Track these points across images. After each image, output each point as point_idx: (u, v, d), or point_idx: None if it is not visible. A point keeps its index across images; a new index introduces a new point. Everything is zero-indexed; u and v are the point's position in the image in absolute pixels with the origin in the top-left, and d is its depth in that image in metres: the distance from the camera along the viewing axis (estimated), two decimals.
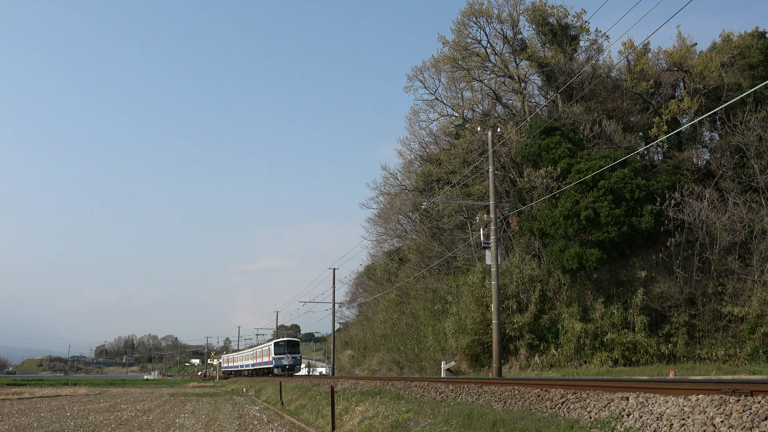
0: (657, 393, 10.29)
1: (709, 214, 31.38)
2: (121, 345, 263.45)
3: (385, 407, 17.73)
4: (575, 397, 11.65)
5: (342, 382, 29.82)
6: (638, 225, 31.82)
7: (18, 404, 38.79)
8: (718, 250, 31.05)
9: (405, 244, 57.44)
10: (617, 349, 31.39)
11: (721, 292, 30.66)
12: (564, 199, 33.40)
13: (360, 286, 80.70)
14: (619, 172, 32.32)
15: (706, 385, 10.38)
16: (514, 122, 41.36)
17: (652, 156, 41.62)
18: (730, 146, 35.40)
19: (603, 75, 42.35)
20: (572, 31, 42.35)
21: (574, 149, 35.71)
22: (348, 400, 21.88)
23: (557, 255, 33.22)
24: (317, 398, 27.16)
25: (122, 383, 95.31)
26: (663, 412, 9.01)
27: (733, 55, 37.63)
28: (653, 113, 38.49)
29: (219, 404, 35.87)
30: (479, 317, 35.65)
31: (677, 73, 38.55)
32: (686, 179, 34.50)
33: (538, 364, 33.72)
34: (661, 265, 32.72)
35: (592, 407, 10.60)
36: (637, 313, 31.43)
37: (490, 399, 14.52)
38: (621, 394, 10.59)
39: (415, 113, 62.22)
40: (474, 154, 40.94)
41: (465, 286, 37.96)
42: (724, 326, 30.21)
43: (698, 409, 8.56)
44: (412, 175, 55.50)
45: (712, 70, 36.18)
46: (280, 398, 34.04)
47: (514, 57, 43.57)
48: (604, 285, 34.13)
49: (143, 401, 40.69)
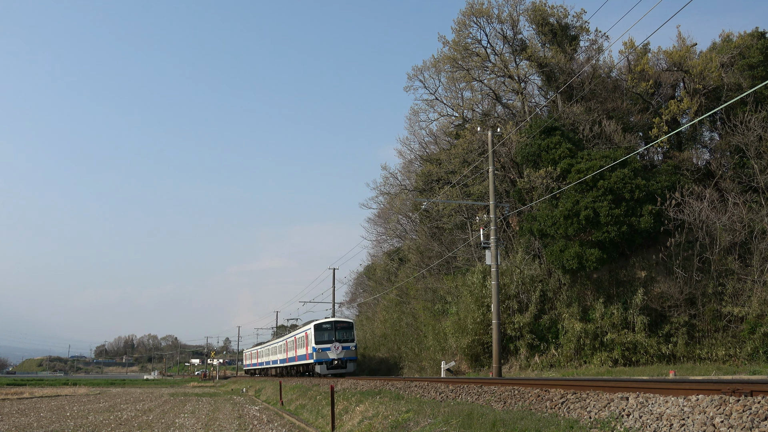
0: (657, 393, 10.29)
1: (709, 214, 31.37)
2: (121, 345, 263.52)
3: (384, 407, 17.74)
4: (575, 397, 11.65)
5: (342, 382, 29.83)
6: (638, 225, 31.82)
7: (18, 404, 38.80)
8: (718, 250, 31.04)
9: (405, 244, 57.41)
10: (617, 349, 31.39)
11: (721, 292, 30.64)
12: (564, 199, 33.40)
13: (360, 286, 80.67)
14: (619, 173, 32.32)
15: (705, 385, 10.38)
16: (514, 122, 41.36)
17: (652, 156, 41.61)
18: (730, 146, 35.39)
19: (603, 75, 42.35)
20: (572, 31, 42.35)
21: (574, 149, 35.71)
22: (348, 400, 21.90)
23: (557, 255, 33.22)
24: (317, 398, 27.18)
25: (122, 383, 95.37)
26: (663, 412, 9.01)
27: (733, 55, 37.62)
28: (653, 113, 38.49)
29: (219, 404, 35.88)
30: (479, 317, 35.64)
31: (677, 73, 38.55)
32: (686, 179, 34.50)
33: (538, 364, 33.72)
34: (661, 265, 32.71)
35: (592, 407, 10.61)
36: (637, 313, 31.42)
37: (490, 399, 14.52)
38: (621, 394, 10.59)
39: (415, 113, 62.33)
40: (474, 154, 40.94)
41: (465, 286, 37.96)
42: (724, 326, 30.20)
43: (698, 409, 8.56)
44: (412, 175, 55.51)
45: (712, 70, 36.17)
46: (279, 398, 34.06)
47: (514, 57, 43.57)
48: (604, 285, 34.12)
49: (143, 401, 40.70)
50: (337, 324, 43.77)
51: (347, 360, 42.23)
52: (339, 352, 42.02)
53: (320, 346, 42.22)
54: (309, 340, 43.93)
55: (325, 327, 43.38)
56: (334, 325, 43.45)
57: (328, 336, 42.77)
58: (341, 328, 43.37)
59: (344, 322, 44.36)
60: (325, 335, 42.84)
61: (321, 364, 42.07)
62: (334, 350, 41.96)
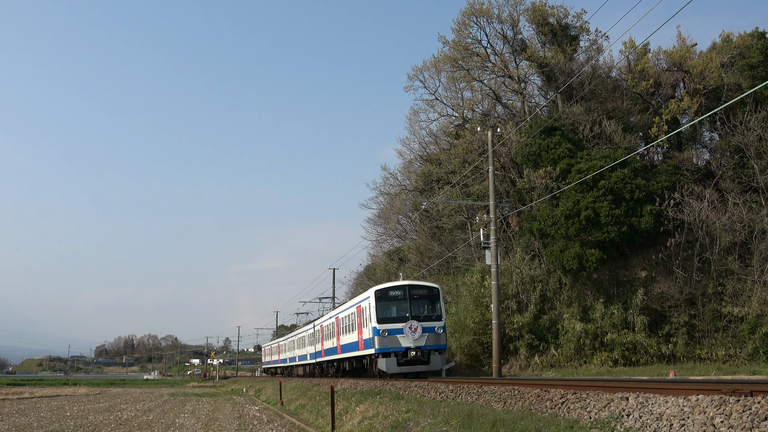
0: (657, 393, 10.31)
1: (709, 214, 31.38)
2: (121, 345, 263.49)
3: (384, 407, 17.76)
4: (575, 397, 11.67)
5: (342, 382, 29.83)
6: (638, 225, 31.84)
7: (18, 404, 38.82)
8: (718, 251, 31.06)
9: (405, 244, 57.42)
10: (617, 349, 31.41)
11: (721, 292, 30.67)
12: (564, 200, 33.42)
13: (360, 286, 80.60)
14: (619, 173, 32.34)
15: (705, 386, 10.41)
16: (514, 122, 41.36)
17: (652, 156, 41.62)
18: (730, 146, 35.41)
19: (603, 75, 42.35)
20: (572, 32, 42.36)
21: (574, 149, 35.72)
22: (348, 400, 21.92)
23: (557, 255, 33.23)
24: (317, 398, 27.19)
25: (122, 383, 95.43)
26: (663, 412, 9.03)
27: (733, 55, 37.64)
28: (653, 113, 38.49)
29: (219, 404, 35.90)
30: (478, 317, 35.65)
31: (677, 73, 38.57)
32: (686, 179, 34.51)
33: (538, 364, 33.74)
34: (661, 266, 32.73)
35: (592, 407, 10.62)
36: (637, 314, 31.44)
37: (490, 399, 14.54)
38: (621, 394, 10.61)
39: (415, 113, 62.22)
40: (474, 154, 40.95)
41: (464, 286, 37.98)
42: (724, 326, 30.22)
43: (698, 409, 8.58)
44: (412, 175, 55.53)
45: (712, 70, 36.19)
46: (280, 398, 34.08)
47: (514, 57, 43.58)
48: (604, 285, 34.14)
49: (143, 401, 40.72)
50: (413, 290, 27.20)
51: (431, 350, 26.21)
52: (418, 336, 25.92)
53: (385, 326, 26.00)
54: (366, 317, 27.66)
55: (394, 295, 27.06)
56: (407, 292, 26.97)
57: (398, 310, 26.76)
58: (420, 297, 27.19)
59: (425, 287, 27.76)
60: (392, 309, 26.90)
61: (388, 356, 25.91)
62: (410, 333, 25.85)
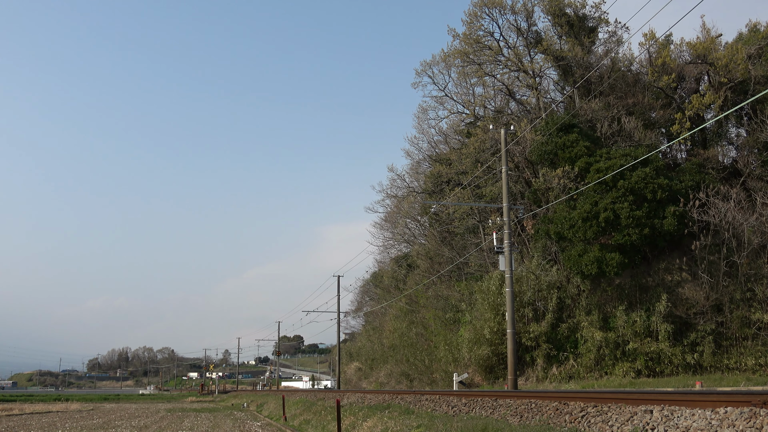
0: (683, 405, 10.28)
1: (736, 214, 31.26)
2: (114, 358, 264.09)
3: (394, 422, 17.75)
4: (596, 410, 11.65)
5: (348, 396, 29.85)
6: (661, 227, 31.74)
7: (7, 421, 38.97)
8: (746, 253, 30.93)
9: (413, 249, 57.45)
10: (640, 359, 31.30)
11: (750, 297, 30.54)
12: (582, 201, 33.36)
13: (366, 294, 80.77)
14: (641, 172, 32.27)
15: (734, 397, 10.36)
16: (528, 119, 41.35)
17: (674, 154, 41.54)
18: (758, 143, 35.28)
19: (623, 68, 42.30)
20: (590, 23, 42.35)
21: (592, 147, 35.69)
22: (355, 415, 21.91)
23: (575, 260, 33.17)
24: (322, 413, 27.20)
25: (116, 398, 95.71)
26: (689, 425, 9.00)
27: (760, 46, 37.52)
28: (676, 109, 38.42)
29: (219, 420, 35.94)
30: (495, 326, 35.58)
31: (701, 65, 38.48)
32: (711, 178, 34.40)
33: (556, 376, 33.65)
34: (686, 270, 32.63)
35: (614, 421, 10.60)
36: (660, 321, 31.32)
37: (506, 413, 14.52)
38: (644, 407, 10.59)
39: (424, 111, 62.11)
40: (486, 154, 40.96)
41: (480, 293, 37.88)
42: (753, 334, 30.07)
43: (726, 422, 8.56)
44: (420, 176, 55.55)
45: (738, 62, 36.09)
46: (283, 413, 34.10)
47: (528, 50, 43.60)
48: (625, 291, 34.04)
49: (139, 417, 40.81)
50: None
51: None
52: None
53: None
54: None
55: None
56: None
57: None
58: None
59: None
60: None
61: None
62: None
